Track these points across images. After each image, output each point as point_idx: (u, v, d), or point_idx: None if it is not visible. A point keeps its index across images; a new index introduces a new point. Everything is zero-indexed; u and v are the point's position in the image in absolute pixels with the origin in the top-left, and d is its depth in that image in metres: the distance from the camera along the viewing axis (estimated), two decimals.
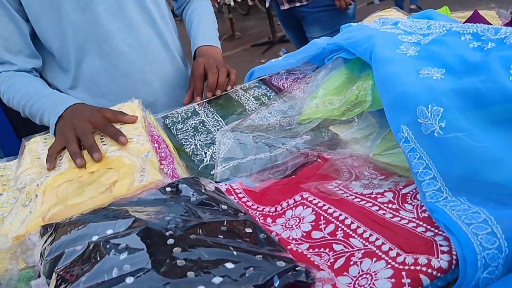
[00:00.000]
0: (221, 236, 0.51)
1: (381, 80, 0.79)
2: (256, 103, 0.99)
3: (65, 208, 0.64)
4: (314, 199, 0.64)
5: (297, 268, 0.45)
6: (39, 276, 0.59)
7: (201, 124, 0.95)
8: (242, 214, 0.57)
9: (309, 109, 0.83)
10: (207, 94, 1.06)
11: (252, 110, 0.96)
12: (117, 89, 1.12)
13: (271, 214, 0.65)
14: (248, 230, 0.53)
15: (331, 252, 0.54)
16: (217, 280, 0.42)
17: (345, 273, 0.50)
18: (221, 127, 0.91)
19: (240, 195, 0.70)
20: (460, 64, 0.77)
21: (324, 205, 0.62)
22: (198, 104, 1.04)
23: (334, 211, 0.60)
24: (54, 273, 0.50)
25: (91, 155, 0.77)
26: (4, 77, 1.03)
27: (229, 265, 0.44)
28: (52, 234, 0.57)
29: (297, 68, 1.01)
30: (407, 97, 0.70)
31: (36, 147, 0.86)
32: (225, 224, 0.53)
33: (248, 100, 1.01)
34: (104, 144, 0.81)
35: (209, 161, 0.82)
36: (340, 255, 0.53)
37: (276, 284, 0.43)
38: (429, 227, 0.52)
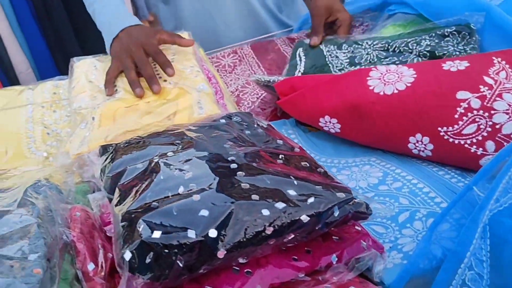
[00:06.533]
0: (279, 169, 0.51)
1: None
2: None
3: (125, 134, 0.66)
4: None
5: (356, 200, 0.46)
6: (94, 191, 0.62)
7: None
8: (298, 149, 0.58)
9: None
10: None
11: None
12: (203, 35, 1.08)
13: None
14: (305, 164, 0.53)
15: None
16: (280, 205, 0.43)
17: None
18: None
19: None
20: None
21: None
22: None
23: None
24: (116, 188, 0.52)
25: (151, 86, 0.77)
26: None
27: (292, 192, 0.45)
28: (112, 153, 0.59)
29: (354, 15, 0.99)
30: None
31: (87, 69, 0.85)
32: (281, 157, 0.54)
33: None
34: (158, 74, 0.81)
35: None
36: None
37: (336, 214, 0.44)
38: None
